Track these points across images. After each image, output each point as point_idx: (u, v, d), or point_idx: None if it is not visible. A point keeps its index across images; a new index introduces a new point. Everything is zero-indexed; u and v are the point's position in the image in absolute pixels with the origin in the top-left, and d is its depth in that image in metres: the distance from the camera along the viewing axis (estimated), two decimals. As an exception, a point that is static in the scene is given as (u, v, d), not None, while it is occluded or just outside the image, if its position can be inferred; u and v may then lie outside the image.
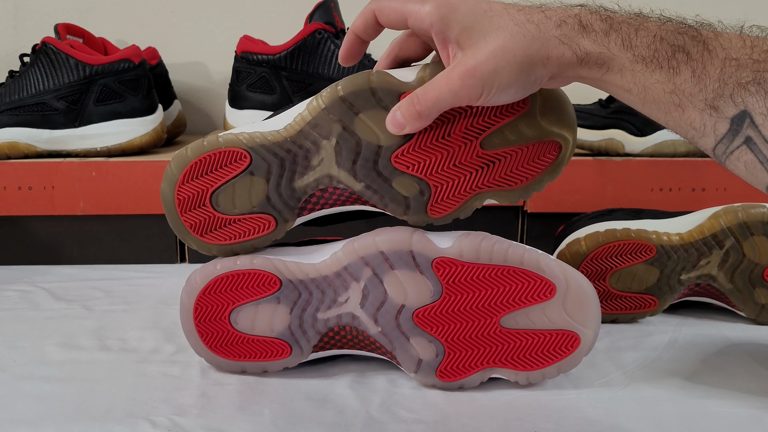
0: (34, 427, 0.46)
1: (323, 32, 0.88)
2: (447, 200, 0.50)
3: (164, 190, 0.51)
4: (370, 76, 0.48)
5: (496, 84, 0.43)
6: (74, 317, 0.67)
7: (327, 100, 0.48)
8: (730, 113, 0.41)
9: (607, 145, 0.87)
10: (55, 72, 0.84)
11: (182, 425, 0.47)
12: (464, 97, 0.44)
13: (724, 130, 0.42)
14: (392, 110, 0.47)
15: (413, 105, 0.46)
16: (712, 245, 0.64)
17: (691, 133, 0.43)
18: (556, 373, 0.51)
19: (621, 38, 0.42)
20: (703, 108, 0.41)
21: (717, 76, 0.41)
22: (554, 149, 0.49)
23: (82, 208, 0.82)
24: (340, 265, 0.51)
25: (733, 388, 0.53)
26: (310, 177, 0.50)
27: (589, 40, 0.42)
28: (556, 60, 0.43)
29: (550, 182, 0.50)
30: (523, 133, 0.49)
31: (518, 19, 0.43)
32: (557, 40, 0.43)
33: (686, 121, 0.42)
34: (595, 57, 0.43)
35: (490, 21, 0.44)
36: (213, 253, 0.52)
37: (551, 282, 0.50)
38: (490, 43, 0.43)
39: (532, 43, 0.43)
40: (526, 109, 0.48)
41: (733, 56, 0.41)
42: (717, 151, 0.43)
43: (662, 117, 0.43)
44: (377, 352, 0.53)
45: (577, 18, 0.43)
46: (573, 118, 0.49)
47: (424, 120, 0.46)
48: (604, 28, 0.42)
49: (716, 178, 0.83)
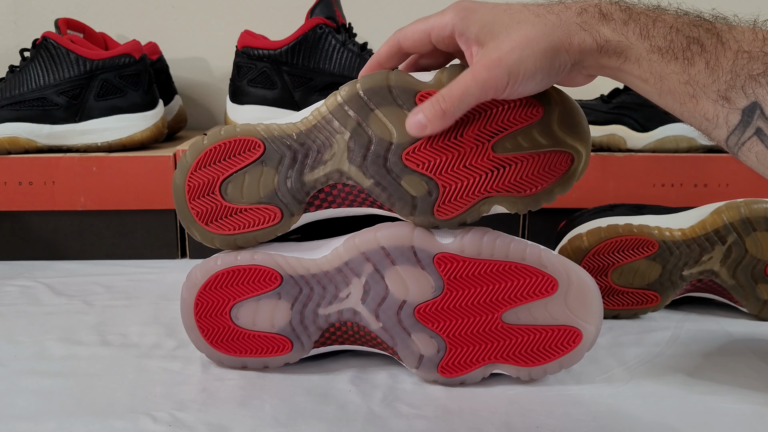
0: (35, 422, 0.46)
1: (324, 27, 0.87)
2: (455, 202, 0.49)
3: (176, 176, 0.52)
4: (389, 74, 0.49)
5: (522, 72, 0.44)
6: (75, 312, 0.67)
7: (346, 95, 0.49)
8: (741, 104, 0.41)
9: (609, 140, 0.87)
10: (55, 67, 0.83)
11: (183, 420, 0.47)
12: (491, 89, 0.44)
13: (736, 122, 0.42)
14: (413, 112, 0.47)
15: (438, 104, 0.45)
16: (714, 241, 0.64)
17: (705, 125, 0.43)
18: (558, 368, 0.51)
19: (639, 28, 0.43)
20: (716, 99, 0.42)
21: (729, 67, 0.41)
22: (566, 161, 0.49)
23: (83, 203, 0.82)
24: (341, 261, 0.51)
25: (735, 384, 0.53)
26: (320, 171, 0.50)
27: (609, 28, 0.43)
28: (577, 46, 0.44)
29: (561, 195, 0.50)
30: (536, 141, 0.48)
31: (538, 11, 0.45)
32: (578, 27, 0.44)
33: (700, 112, 0.43)
34: (615, 45, 0.43)
35: (510, 16, 0.45)
36: (215, 244, 0.52)
37: (553, 277, 0.49)
38: (513, 34, 0.44)
39: (554, 31, 0.43)
40: (540, 117, 0.48)
41: (745, 48, 0.41)
42: (729, 143, 0.43)
43: (677, 108, 0.44)
44: (378, 348, 0.53)
45: (597, 7, 0.44)
46: (587, 132, 0.49)
47: (449, 119, 0.46)
48: (623, 17, 0.43)
49: (718, 174, 0.83)
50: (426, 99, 0.47)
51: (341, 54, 0.88)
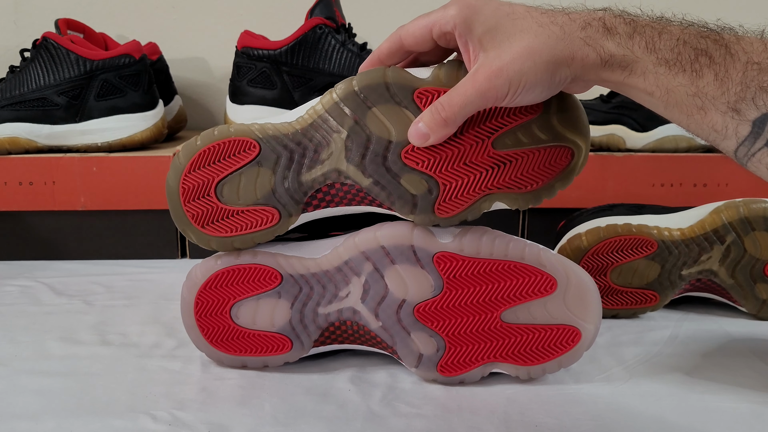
0: (35, 421, 0.47)
1: (324, 27, 0.88)
2: (455, 200, 0.49)
3: (169, 178, 0.51)
4: (386, 71, 0.48)
5: (522, 83, 0.43)
6: (75, 312, 0.67)
7: (341, 93, 0.49)
8: (752, 116, 0.41)
9: (608, 140, 0.87)
10: (55, 67, 0.84)
11: (183, 419, 0.47)
12: (491, 98, 0.44)
13: (746, 133, 0.42)
14: (414, 123, 0.47)
15: (438, 113, 0.45)
16: (713, 240, 0.64)
17: (713, 136, 0.43)
18: (557, 367, 0.51)
19: (645, 41, 0.42)
20: (725, 111, 0.42)
21: (739, 79, 0.41)
22: (566, 156, 0.49)
23: (83, 203, 0.82)
24: (341, 260, 0.51)
25: (734, 383, 0.53)
26: (318, 171, 0.50)
27: (614, 42, 0.43)
28: (580, 61, 0.43)
29: (561, 190, 0.50)
30: (535, 136, 0.48)
31: (542, 21, 0.44)
32: (582, 42, 0.43)
33: (708, 123, 0.43)
34: (619, 59, 0.43)
35: (513, 23, 0.44)
36: (212, 246, 0.52)
37: (552, 277, 0.49)
38: (515, 44, 0.43)
39: (558, 44, 0.43)
40: (539, 112, 0.48)
41: (755, 60, 0.41)
42: (738, 154, 0.43)
43: (684, 120, 0.43)
44: (378, 347, 0.53)
45: (602, 21, 0.43)
46: (586, 126, 0.49)
47: (450, 127, 0.46)
48: (628, 31, 0.43)
49: (717, 174, 0.83)
50: (424, 96, 0.47)
51: (341, 54, 0.88)
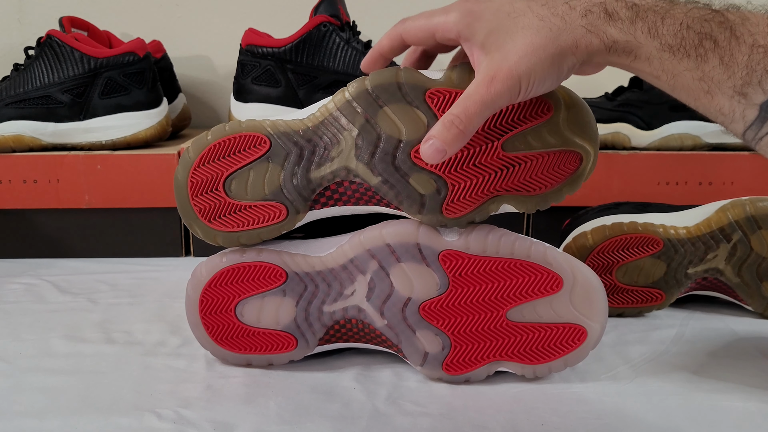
0: (40, 419, 0.47)
1: (328, 25, 0.87)
2: (463, 200, 0.49)
3: (178, 172, 0.51)
4: (399, 71, 0.48)
5: (533, 80, 0.43)
6: (79, 310, 0.67)
7: (354, 91, 0.49)
8: (758, 100, 0.41)
9: (613, 138, 0.86)
10: (59, 65, 0.83)
11: (188, 418, 0.47)
12: (505, 101, 0.44)
13: (753, 117, 0.42)
14: (424, 140, 0.45)
15: (455, 126, 0.44)
16: (719, 239, 0.63)
17: (721, 119, 0.43)
18: (563, 366, 0.51)
19: (647, 26, 0.42)
20: (731, 95, 0.42)
21: (745, 63, 0.41)
22: (575, 161, 0.49)
23: (87, 201, 0.82)
24: (347, 258, 0.51)
25: (741, 382, 0.53)
26: (327, 168, 0.50)
27: (616, 28, 0.43)
28: (585, 48, 0.43)
29: (569, 194, 0.50)
30: (545, 140, 0.48)
31: (542, 14, 0.44)
32: (584, 29, 0.43)
33: (715, 107, 0.43)
34: (623, 45, 0.43)
35: (514, 22, 0.44)
36: (218, 241, 0.52)
37: (558, 275, 0.49)
38: (518, 43, 0.43)
39: (560, 36, 0.43)
40: (549, 116, 0.48)
41: (760, 43, 0.41)
42: (747, 136, 0.43)
43: (692, 102, 0.44)
44: (383, 345, 0.53)
45: (602, 6, 0.43)
46: (596, 131, 0.49)
47: (467, 138, 0.45)
48: (630, 16, 0.43)
49: (723, 172, 0.83)
50: (435, 97, 0.47)
51: (345, 52, 0.87)
